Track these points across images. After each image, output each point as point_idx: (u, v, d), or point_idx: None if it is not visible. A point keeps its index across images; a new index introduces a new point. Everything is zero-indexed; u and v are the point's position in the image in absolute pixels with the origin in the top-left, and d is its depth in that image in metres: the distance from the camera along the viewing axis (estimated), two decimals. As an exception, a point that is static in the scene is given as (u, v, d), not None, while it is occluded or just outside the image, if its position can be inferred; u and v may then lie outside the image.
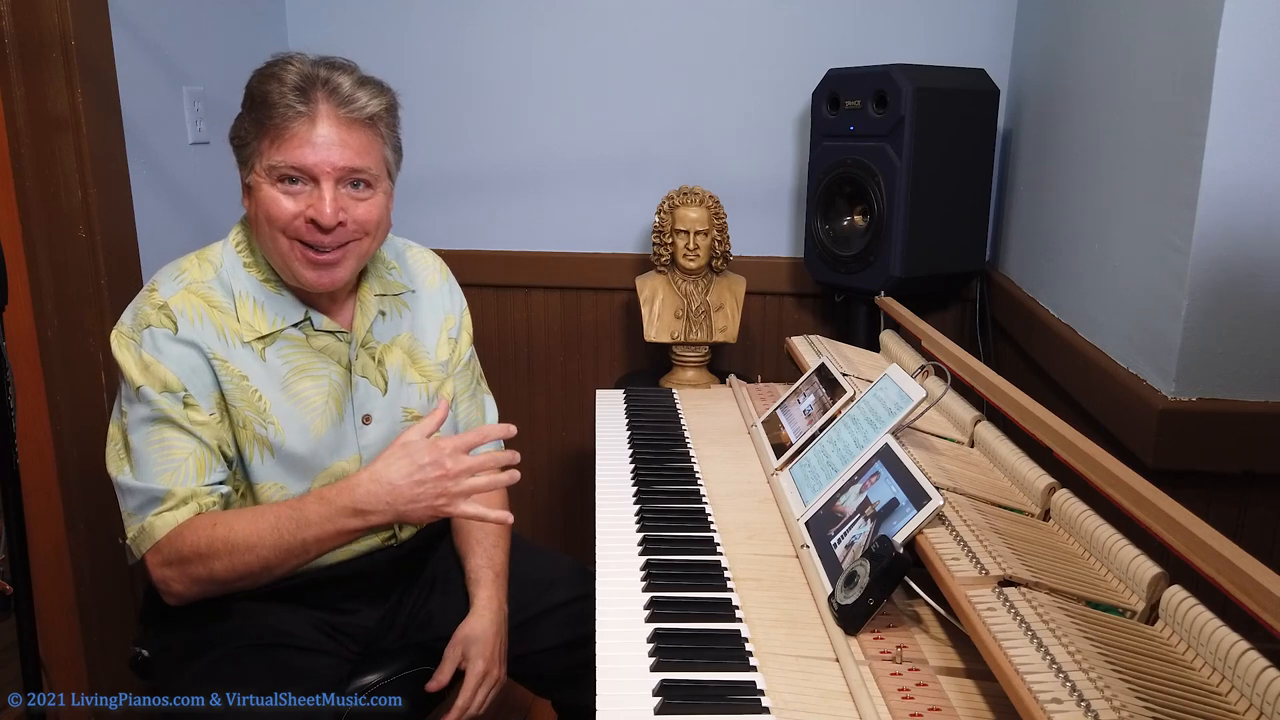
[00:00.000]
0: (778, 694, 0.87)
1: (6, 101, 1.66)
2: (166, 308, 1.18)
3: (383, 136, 1.22)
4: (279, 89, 1.14)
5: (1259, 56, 1.14)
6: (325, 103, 1.15)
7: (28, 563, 1.38)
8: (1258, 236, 1.18)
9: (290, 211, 1.16)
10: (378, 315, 1.33)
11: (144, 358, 1.16)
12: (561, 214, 2.39)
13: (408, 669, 1.38)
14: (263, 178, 1.16)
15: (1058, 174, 1.77)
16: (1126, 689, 0.71)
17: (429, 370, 1.39)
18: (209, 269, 1.24)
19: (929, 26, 2.15)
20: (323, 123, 1.15)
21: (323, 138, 1.15)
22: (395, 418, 1.34)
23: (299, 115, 1.13)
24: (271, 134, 1.15)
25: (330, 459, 1.28)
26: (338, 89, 1.16)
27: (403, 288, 1.38)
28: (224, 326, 1.21)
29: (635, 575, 1.10)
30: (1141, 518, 0.90)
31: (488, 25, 2.31)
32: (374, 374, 1.32)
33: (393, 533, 1.35)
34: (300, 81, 1.14)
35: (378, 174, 1.22)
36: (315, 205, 1.15)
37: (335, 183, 1.16)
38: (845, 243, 2.04)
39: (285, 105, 1.13)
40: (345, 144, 1.16)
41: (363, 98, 1.17)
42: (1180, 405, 1.24)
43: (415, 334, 1.38)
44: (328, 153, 1.15)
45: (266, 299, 1.24)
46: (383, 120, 1.21)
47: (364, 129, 1.18)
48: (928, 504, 0.98)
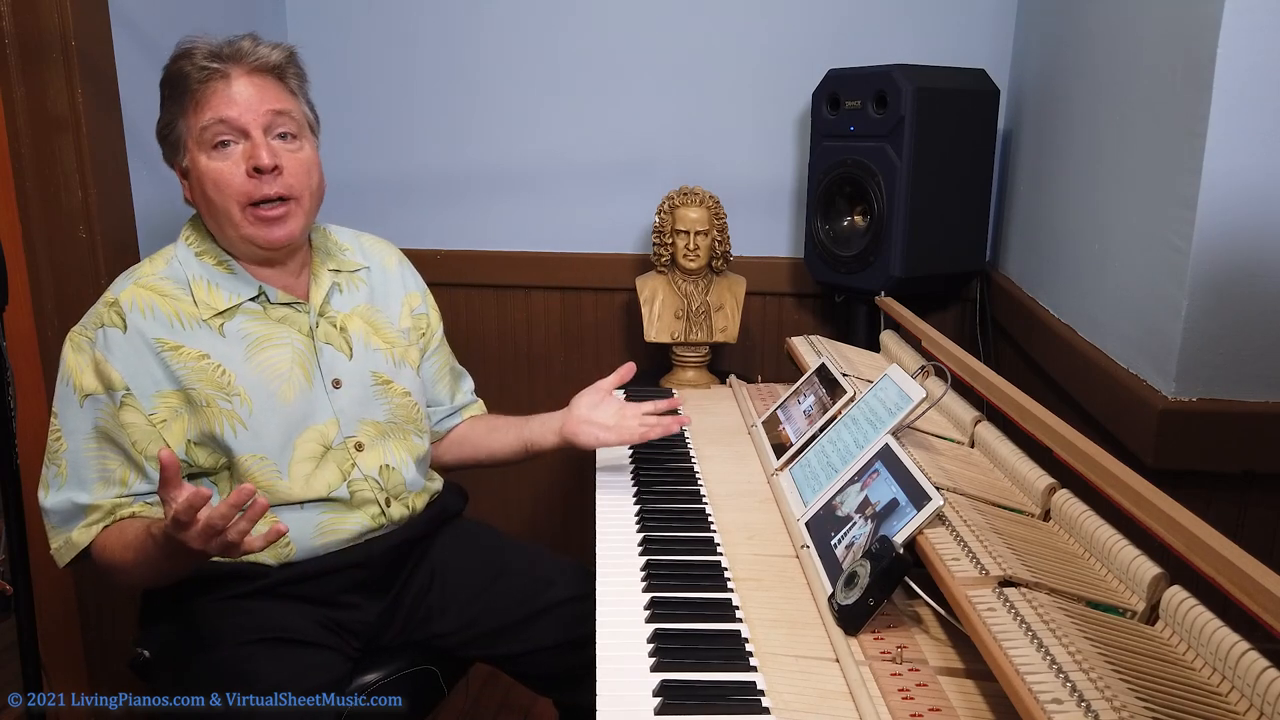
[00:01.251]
0: (778, 694, 0.87)
1: (6, 101, 1.66)
2: (116, 304, 1.25)
3: (294, 90, 1.31)
4: (189, 64, 1.23)
5: (1259, 56, 1.14)
6: (234, 64, 1.24)
7: (28, 563, 1.38)
8: (1258, 236, 1.18)
9: (232, 173, 1.23)
10: (333, 287, 1.39)
11: (95, 355, 1.23)
12: (561, 214, 2.39)
13: (408, 668, 1.38)
14: (196, 151, 1.24)
15: (1058, 174, 1.77)
16: (1127, 689, 0.71)
17: (391, 337, 1.44)
18: (161, 263, 1.31)
19: (929, 26, 2.15)
20: (237, 79, 1.24)
21: (241, 91, 1.24)
22: (365, 381, 1.38)
23: (214, 74, 1.23)
24: (194, 102, 1.23)
25: (304, 424, 1.31)
26: (240, 48, 1.25)
27: (358, 265, 1.45)
28: (177, 313, 1.27)
29: (635, 575, 1.10)
30: (1141, 518, 0.90)
31: (488, 25, 2.31)
32: (338, 340, 1.37)
33: (380, 509, 1.36)
34: (208, 52, 1.24)
35: (300, 124, 1.30)
36: (252, 153, 1.23)
37: (264, 134, 1.24)
38: (845, 243, 2.04)
39: (199, 70, 1.22)
40: (262, 92, 1.25)
41: (264, 50, 1.27)
42: (1180, 405, 1.24)
43: (374, 304, 1.44)
44: (248, 100, 1.23)
45: (221, 279, 1.30)
46: (290, 73, 1.30)
47: (274, 80, 1.28)
48: (928, 504, 0.98)
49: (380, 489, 1.36)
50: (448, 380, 1.58)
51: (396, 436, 1.40)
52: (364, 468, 1.35)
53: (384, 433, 1.38)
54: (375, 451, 1.36)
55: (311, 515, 1.30)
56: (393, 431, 1.40)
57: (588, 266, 2.39)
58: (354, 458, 1.34)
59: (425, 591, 1.42)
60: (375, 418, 1.38)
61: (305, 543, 1.30)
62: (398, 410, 1.41)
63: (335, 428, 1.33)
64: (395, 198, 2.42)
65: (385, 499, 1.37)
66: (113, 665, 1.89)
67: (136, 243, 1.83)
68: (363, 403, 1.37)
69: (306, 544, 1.31)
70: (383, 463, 1.37)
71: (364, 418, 1.36)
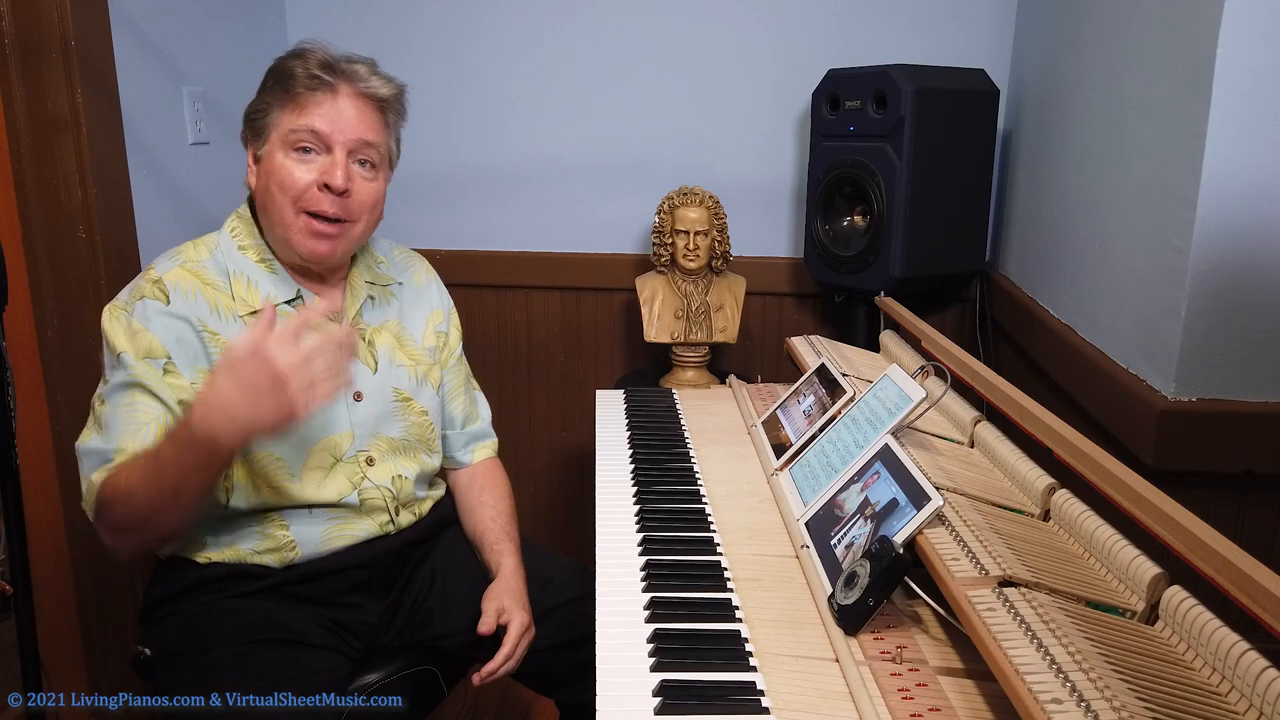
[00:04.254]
0: (778, 694, 0.87)
1: (6, 101, 1.66)
2: (161, 282, 1.24)
3: (389, 124, 1.32)
4: (303, 65, 1.24)
5: (1259, 56, 1.14)
6: (345, 82, 1.26)
7: (28, 563, 1.38)
8: (1258, 236, 1.18)
9: (303, 180, 1.24)
10: (367, 299, 1.39)
11: (133, 325, 1.21)
12: (561, 214, 2.39)
13: (408, 669, 1.38)
14: (277, 146, 1.24)
15: (1058, 174, 1.77)
16: (1126, 689, 0.71)
17: (416, 355, 1.44)
18: (204, 251, 1.30)
19: (929, 26, 2.15)
20: (343, 96, 1.25)
21: (343, 110, 1.25)
22: (386, 397, 1.38)
23: (322, 85, 1.24)
24: (294, 103, 1.24)
25: (321, 433, 1.31)
26: (356, 72, 1.27)
27: (391, 280, 1.46)
28: (217, 303, 1.26)
29: (635, 575, 1.10)
30: (1141, 518, 0.90)
31: (487, 26, 2.31)
32: (364, 353, 1.37)
33: (390, 518, 1.36)
34: (324, 61, 1.25)
35: (383, 157, 1.31)
36: (328, 170, 1.24)
37: (347, 154, 1.25)
38: (845, 243, 2.04)
39: (310, 77, 1.23)
40: (361, 118, 1.26)
41: (377, 82, 1.29)
42: (1180, 405, 1.24)
43: (403, 321, 1.44)
44: (345, 122, 1.25)
45: (261, 277, 1.30)
46: (392, 108, 1.32)
47: (376, 111, 1.29)
48: (928, 504, 0.98)
49: (393, 498, 1.36)
50: (462, 399, 1.55)
51: (408, 455, 1.40)
52: (375, 479, 1.35)
53: (397, 449, 1.38)
54: (387, 465, 1.37)
55: (320, 520, 1.30)
56: (405, 449, 1.40)
57: (588, 266, 2.39)
58: (364, 471, 1.34)
59: (426, 592, 1.42)
60: (391, 434, 1.38)
61: (312, 547, 1.30)
62: (413, 429, 1.41)
63: (350, 440, 1.33)
64: (395, 198, 2.37)
65: (396, 508, 1.37)
66: (113, 665, 1.89)
67: (136, 243, 1.83)
68: (381, 418, 1.36)
69: (313, 548, 1.30)
70: (395, 473, 1.37)
71: (380, 433, 1.36)
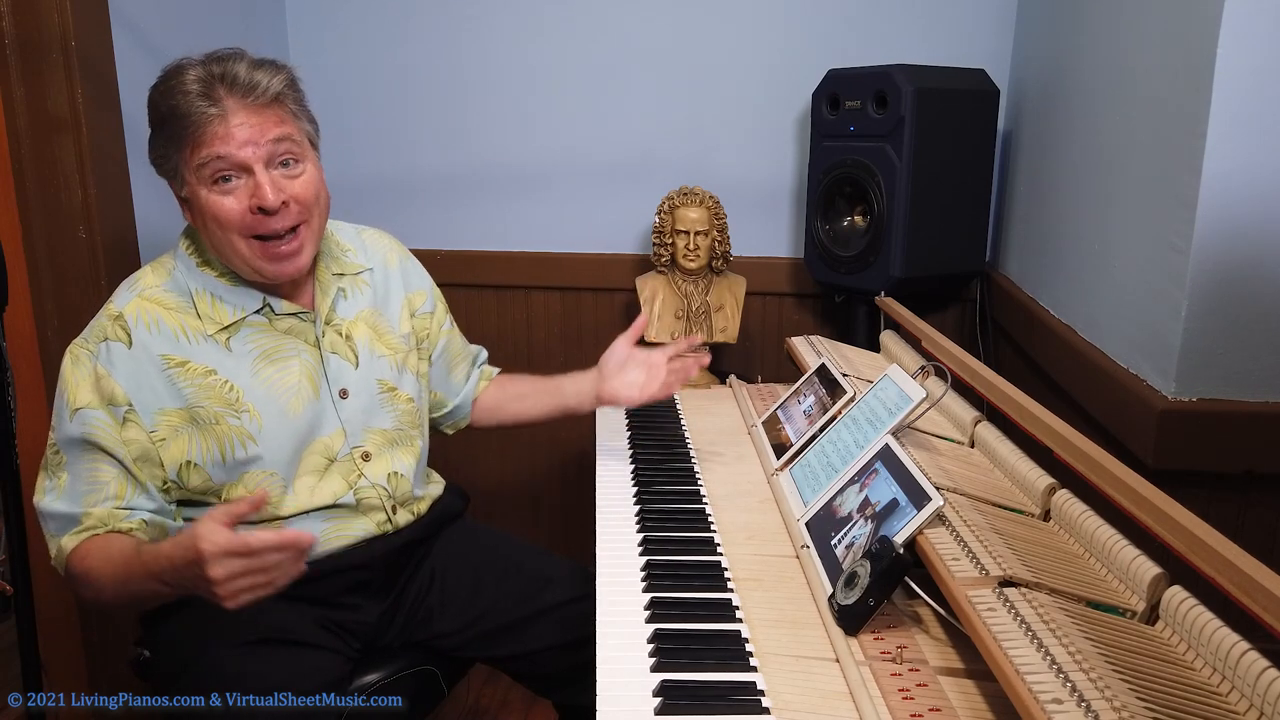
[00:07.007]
0: (778, 694, 0.87)
1: (6, 101, 1.66)
2: (121, 318, 1.22)
3: (293, 112, 1.24)
4: (184, 99, 1.16)
5: (1259, 56, 1.14)
6: (230, 97, 1.17)
7: (28, 563, 1.38)
8: (1258, 236, 1.18)
9: (235, 210, 1.18)
10: (338, 293, 1.37)
11: (97, 370, 1.20)
12: (561, 214, 2.39)
13: (408, 669, 1.38)
14: (197, 184, 1.19)
15: (1058, 174, 1.77)
16: (1127, 689, 0.71)
17: (394, 343, 1.42)
18: (163, 273, 1.28)
19: (929, 26, 2.15)
20: (234, 115, 1.16)
21: (239, 128, 1.16)
22: (371, 390, 1.37)
23: (211, 116, 1.16)
24: (191, 142, 1.17)
25: (312, 436, 1.30)
26: (236, 79, 1.17)
27: (360, 266, 1.43)
28: (183, 326, 1.24)
29: (635, 575, 1.10)
30: (1141, 518, 0.90)
31: (487, 26, 2.30)
32: (344, 349, 1.35)
33: (387, 517, 1.36)
34: (201, 85, 1.16)
35: (302, 144, 1.24)
36: (256, 193, 1.18)
37: (266, 167, 1.19)
38: (845, 243, 2.04)
39: (196, 111, 1.15)
40: (263, 125, 1.18)
41: (262, 80, 1.19)
42: (1180, 405, 1.24)
43: (378, 308, 1.42)
44: (248, 136, 1.17)
45: (225, 292, 1.27)
46: (288, 97, 1.24)
47: (273, 109, 1.20)
48: (928, 504, 0.98)
49: (389, 496, 1.36)
50: (465, 365, 1.60)
51: (404, 445, 1.40)
52: (371, 476, 1.34)
53: (392, 440, 1.38)
54: (383, 459, 1.36)
55: (315, 522, 1.30)
56: (400, 440, 1.39)
57: (588, 266, 2.39)
58: (360, 468, 1.33)
59: (426, 592, 1.42)
60: (382, 426, 1.37)
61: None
62: (403, 417, 1.40)
63: (341, 438, 1.32)
64: (395, 198, 2.42)
65: (393, 506, 1.37)
66: (113, 665, 1.89)
67: (136, 243, 1.83)
68: (369, 411, 1.36)
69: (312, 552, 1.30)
70: (391, 470, 1.37)
71: (370, 426, 1.36)
